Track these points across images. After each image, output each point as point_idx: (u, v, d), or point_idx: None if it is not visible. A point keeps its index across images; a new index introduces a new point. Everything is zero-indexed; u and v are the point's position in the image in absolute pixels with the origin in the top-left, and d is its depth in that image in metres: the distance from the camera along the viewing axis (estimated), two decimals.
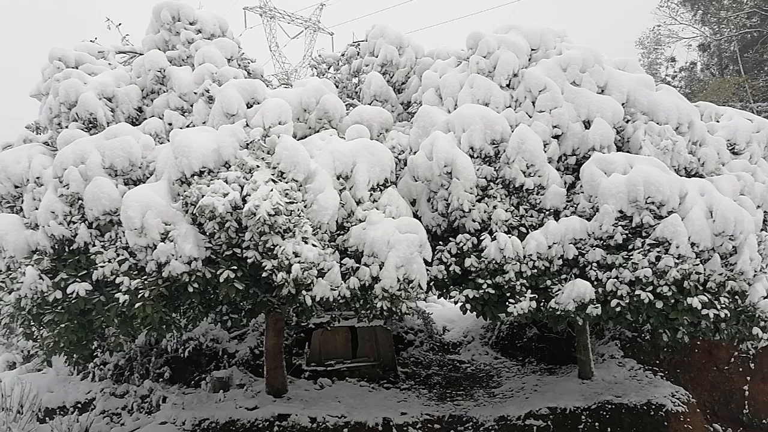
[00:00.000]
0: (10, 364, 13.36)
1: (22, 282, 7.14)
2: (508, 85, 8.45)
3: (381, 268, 7.10)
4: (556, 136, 8.09)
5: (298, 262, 6.64)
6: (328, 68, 11.49)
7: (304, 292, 6.93)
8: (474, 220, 7.64)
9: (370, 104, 9.51)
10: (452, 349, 13.57)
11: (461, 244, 7.64)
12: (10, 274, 7.39)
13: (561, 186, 7.88)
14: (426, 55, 10.30)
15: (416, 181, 8.08)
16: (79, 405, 10.94)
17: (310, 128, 8.50)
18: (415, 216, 7.97)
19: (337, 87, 9.83)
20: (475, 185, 7.56)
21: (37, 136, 8.86)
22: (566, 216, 7.74)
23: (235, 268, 6.96)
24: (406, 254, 7.10)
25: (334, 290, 7.04)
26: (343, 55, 11.23)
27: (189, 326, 9.04)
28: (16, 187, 7.91)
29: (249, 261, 6.84)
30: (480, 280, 7.55)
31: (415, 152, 7.97)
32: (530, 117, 8.09)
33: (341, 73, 11.08)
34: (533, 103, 8.15)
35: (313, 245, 6.83)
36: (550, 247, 7.46)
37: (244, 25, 40.33)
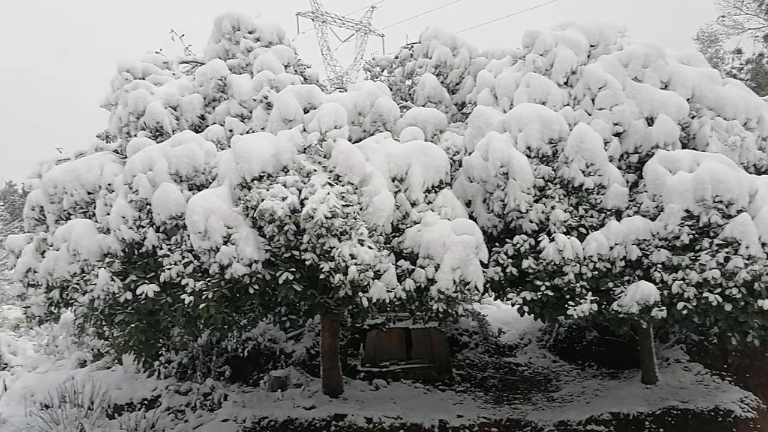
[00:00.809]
0: (81, 362, 13.97)
1: (95, 284, 7.48)
2: (566, 83, 8.32)
3: (437, 270, 7.12)
4: (617, 134, 7.91)
5: (355, 264, 6.73)
6: (382, 71, 11.58)
7: (360, 293, 7.02)
8: (531, 221, 7.56)
9: (424, 106, 9.53)
10: (508, 351, 13.44)
11: (518, 245, 7.57)
12: (84, 276, 7.76)
13: (623, 185, 7.70)
14: (480, 55, 10.25)
15: (471, 182, 8.06)
16: (146, 402, 11.36)
17: (364, 131, 8.60)
18: (471, 217, 7.95)
19: (390, 89, 9.89)
20: (532, 185, 7.47)
21: (108, 145, 9.27)
22: (629, 216, 7.55)
23: (294, 270, 7.11)
24: (462, 256, 7.09)
25: (390, 292, 7.10)
26: (396, 57, 11.30)
27: (249, 327, 9.30)
28: (89, 193, 8.29)
29: (307, 263, 6.98)
30: (538, 282, 7.46)
31: (470, 153, 7.95)
32: (589, 115, 7.94)
33: (395, 75, 11.14)
34: (593, 100, 7.99)
35: (369, 247, 6.91)
36: (611, 248, 7.30)
37: (296, 30, 41.02)
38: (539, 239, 7.49)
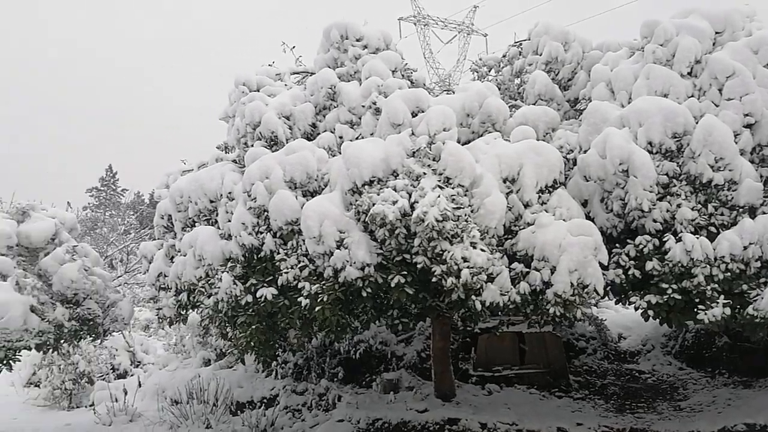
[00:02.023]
0: (206, 361, 14.80)
1: (218, 287, 7.90)
2: (689, 74, 7.80)
3: (552, 273, 6.88)
4: (748, 126, 7.31)
5: (467, 267, 6.64)
6: (489, 71, 11.42)
7: (473, 296, 6.92)
8: (655, 221, 7.13)
9: (534, 104, 9.28)
10: (629, 357, 12.78)
11: (641, 246, 7.17)
12: (209, 279, 8.20)
13: (756, 180, 7.11)
14: (594, 48, 9.84)
15: (587, 180, 7.74)
16: (265, 400, 11.83)
17: (473, 132, 8.49)
18: (588, 217, 7.63)
19: (499, 89, 9.71)
20: (655, 183, 7.05)
21: (227, 155, 9.77)
22: (764, 213, 6.96)
23: (405, 273, 7.13)
24: (580, 258, 6.81)
25: (504, 295, 6.94)
26: (504, 56, 11.10)
27: (361, 329, 9.45)
28: (212, 201, 8.77)
29: (418, 266, 6.98)
30: (664, 285, 7.02)
31: (586, 151, 7.64)
32: (716, 106, 7.40)
33: (502, 74, 10.94)
34: (720, 90, 7.44)
35: (482, 250, 6.81)
36: (745, 248, 6.75)
37: (398, 35, 41.38)
38: (664, 239, 7.05)
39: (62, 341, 10.47)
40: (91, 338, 11.22)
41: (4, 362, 10.06)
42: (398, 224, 6.84)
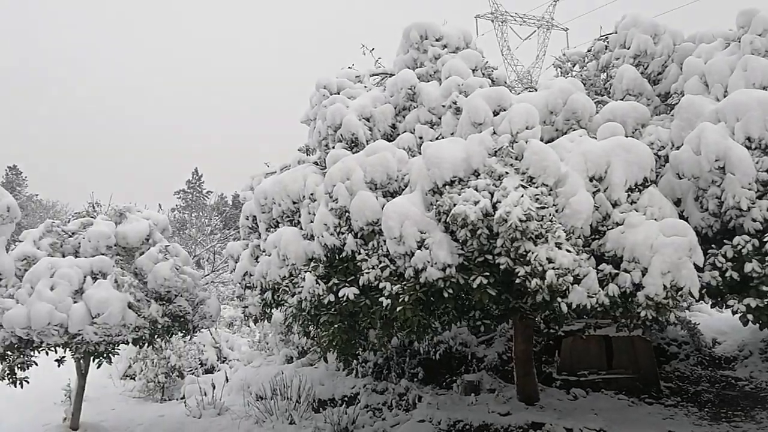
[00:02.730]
0: (288, 359, 15.17)
1: (302, 286, 8.06)
2: None
3: (644, 275, 6.59)
4: None
5: (552, 268, 6.47)
6: (573, 66, 11.09)
7: (558, 299, 6.73)
8: (754, 220, 6.70)
9: (622, 99, 8.94)
10: (725, 363, 12.11)
11: (739, 246, 6.75)
12: (293, 279, 8.39)
13: None
14: (686, 40, 9.37)
15: (680, 178, 7.38)
16: (346, 398, 11.99)
17: (557, 130, 8.29)
18: (681, 217, 7.27)
19: (584, 85, 9.43)
20: (754, 180, 6.64)
21: (308, 157, 9.98)
22: None
23: (488, 274, 7.03)
24: (673, 259, 6.50)
25: (591, 297, 6.71)
26: (589, 50, 10.75)
27: (442, 330, 9.39)
28: (294, 203, 8.96)
29: (501, 267, 6.86)
30: (764, 288, 6.58)
31: (678, 147, 7.28)
32: None
33: (587, 69, 10.60)
34: None
35: (567, 251, 6.61)
36: None
37: (475, 33, 40.92)
38: (765, 240, 6.63)
39: (156, 336, 11.01)
40: (182, 334, 11.74)
41: (105, 355, 10.68)
42: (480, 224, 6.75)
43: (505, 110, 7.72)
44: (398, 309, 7.22)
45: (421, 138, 8.48)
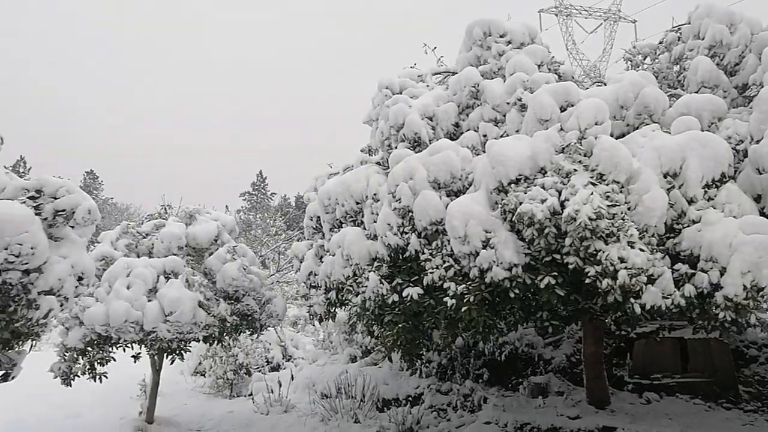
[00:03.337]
0: (352, 358, 15.29)
1: (366, 286, 8.09)
2: None
3: (722, 274, 6.29)
4: None
5: (625, 268, 6.25)
6: (644, 59, 10.69)
7: (631, 299, 6.49)
8: None
9: (696, 92, 8.55)
10: None
11: None
12: (357, 279, 8.44)
13: None
14: (764, 29, 8.87)
15: (761, 173, 6.97)
16: (410, 398, 11.98)
17: (628, 125, 8.00)
18: (762, 214, 6.88)
19: (656, 78, 9.07)
20: None
21: (371, 158, 10.01)
22: None
23: (556, 274, 6.86)
24: (754, 258, 6.15)
25: (666, 298, 6.44)
26: (660, 42, 10.34)
27: (508, 331, 9.25)
28: (357, 203, 9.01)
29: (570, 267, 6.68)
30: None
31: (758, 141, 6.89)
32: None
33: (659, 62, 10.20)
34: None
35: (641, 249, 6.37)
36: None
37: (539, 27, 40.13)
38: None
39: (225, 334, 11.31)
40: (249, 332, 12.02)
41: (177, 352, 11.05)
42: (547, 223, 6.60)
43: (572, 106, 7.52)
44: (463, 309, 7.13)
45: (485, 136, 8.36)
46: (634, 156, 6.92)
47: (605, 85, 8.70)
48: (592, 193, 6.43)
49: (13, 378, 7.89)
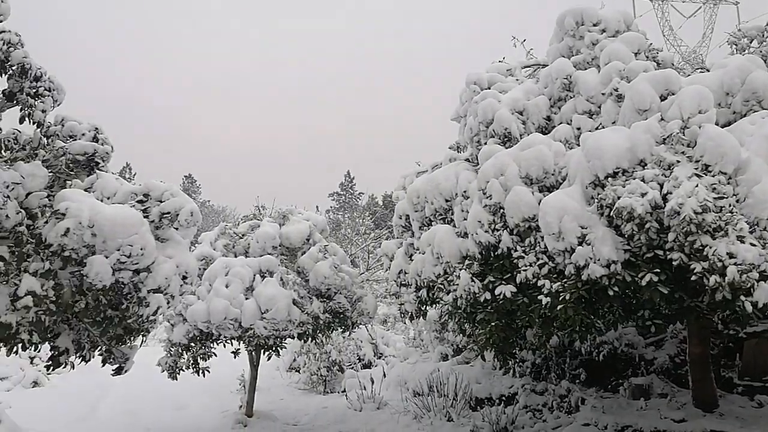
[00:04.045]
0: (443, 356, 15.26)
1: (457, 284, 8.05)
2: None
3: None
4: None
5: (734, 264, 5.87)
6: (750, 42, 10.00)
7: (741, 297, 6.10)
8: None
9: None
10: None
11: None
12: (447, 277, 8.41)
13: None
14: None
15: None
16: (504, 398, 11.81)
17: (734, 113, 7.52)
18: None
19: (765, 62, 8.47)
20: None
21: (459, 155, 9.95)
22: None
23: (658, 271, 6.54)
24: None
25: None
26: None
27: (606, 330, 8.91)
28: (447, 200, 8.98)
29: (674, 263, 6.35)
30: None
31: None
32: None
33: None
34: None
35: (751, 244, 5.96)
36: None
37: (633, 14, 38.42)
38: None
39: (318, 332, 11.59)
40: (341, 330, 12.26)
41: (273, 348, 11.44)
42: (648, 218, 6.31)
43: (673, 94, 7.15)
44: (558, 307, 6.95)
45: (578, 129, 8.10)
46: (743, 145, 6.49)
47: (708, 71, 8.22)
48: (697, 186, 6.09)
49: (125, 371, 8.43)
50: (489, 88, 9.42)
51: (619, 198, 6.42)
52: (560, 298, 6.91)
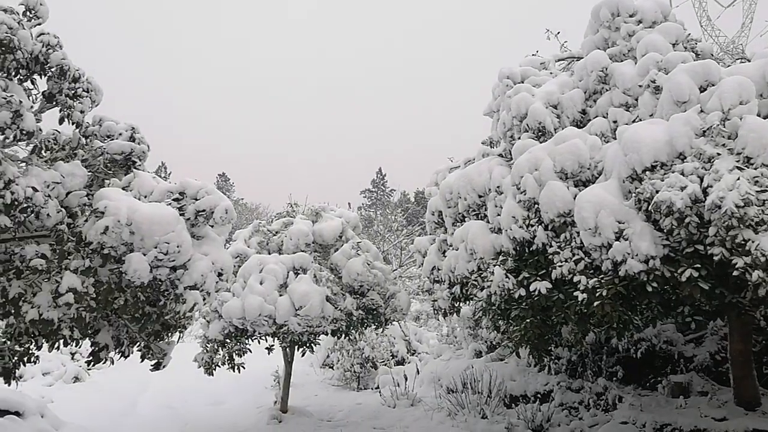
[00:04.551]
0: (477, 353, 15.16)
1: (491, 281, 8.00)
2: None
3: None
4: None
5: None
6: None
7: None
8: None
9: None
10: None
11: None
12: (481, 273, 8.36)
13: None
14: None
15: None
16: (539, 395, 11.67)
17: None
18: None
19: None
20: None
21: (492, 150, 9.86)
22: None
23: (698, 266, 6.40)
24: None
25: None
26: None
27: (644, 327, 8.75)
28: (480, 196, 8.92)
29: (714, 258, 6.20)
30: None
31: None
32: None
33: None
34: None
35: None
36: None
37: (669, 4, 37.55)
38: None
39: (351, 328, 11.62)
40: (375, 326, 12.26)
41: (307, 345, 11.51)
42: (688, 212, 6.17)
43: (713, 85, 6.97)
44: (595, 304, 6.85)
45: (615, 122, 7.95)
46: None
47: (748, 61, 7.98)
48: (738, 179, 5.94)
49: (164, 367, 8.59)
50: (522, 82, 9.31)
51: (657, 192, 6.30)
52: (597, 295, 6.81)
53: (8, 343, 8.08)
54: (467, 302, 10.29)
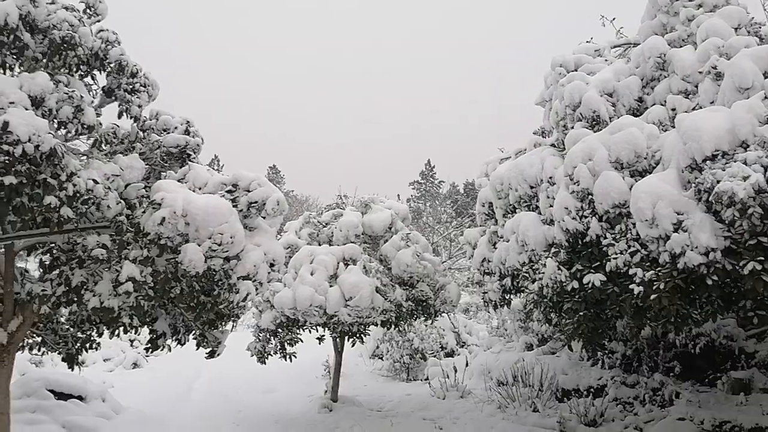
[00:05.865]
0: (527, 346, 14.99)
1: (542, 273, 7.87)
2: None
3: None
4: None
5: None
6: None
7: None
8: None
9: None
10: None
11: None
12: (533, 265, 8.23)
13: None
14: None
15: None
16: (592, 390, 11.47)
17: None
18: None
19: None
20: None
21: (544, 140, 9.68)
22: None
23: (762, 258, 6.13)
24: None
25: None
26: None
27: (702, 321, 8.45)
28: (532, 187, 8.77)
29: None
30: None
31: None
32: None
33: None
34: None
35: None
36: None
37: None
38: None
39: (400, 319, 11.65)
40: (424, 318, 12.26)
41: (357, 335, 11.61)
42: (751, 203, 5.90)
43: None
44: (652, 297, 6.65)
45: (673, 110, 7.68)
46: None
47: None
48: None
49: (218, 355, 8.80)
50: (576, 70, 9.09)
51: (718, 182, 6.05)
52: (654, 288, 6.61)
53: (71, 329, 8.44)
54: (518, 294, 10.16)
